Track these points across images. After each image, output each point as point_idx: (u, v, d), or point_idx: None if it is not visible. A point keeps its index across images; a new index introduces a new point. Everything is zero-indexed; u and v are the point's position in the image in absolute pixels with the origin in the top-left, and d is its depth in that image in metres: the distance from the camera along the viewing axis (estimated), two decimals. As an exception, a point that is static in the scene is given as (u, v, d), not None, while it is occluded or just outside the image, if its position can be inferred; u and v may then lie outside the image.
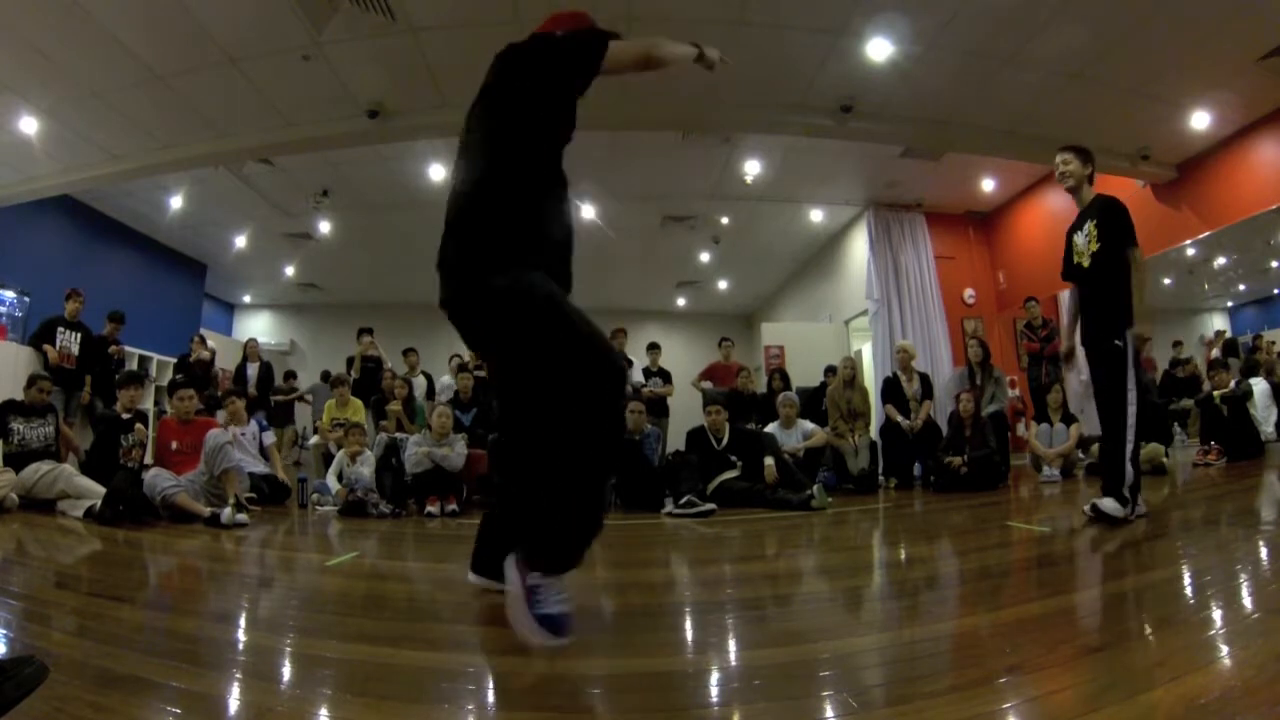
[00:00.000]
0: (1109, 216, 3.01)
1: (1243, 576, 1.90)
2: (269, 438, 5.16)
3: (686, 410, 6.72)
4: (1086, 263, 3.06)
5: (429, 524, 4.02)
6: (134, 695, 1.17)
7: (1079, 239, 3.13)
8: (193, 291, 9.75)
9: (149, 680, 1.24)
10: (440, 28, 4.36)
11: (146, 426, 4.76)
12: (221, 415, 5.06)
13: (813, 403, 6.14)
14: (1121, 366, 2.90)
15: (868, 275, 7.75)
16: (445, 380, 6.65)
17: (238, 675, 1.33)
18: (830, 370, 6.50)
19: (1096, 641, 1.39)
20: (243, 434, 4.85)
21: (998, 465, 5.09)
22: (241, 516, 3.66)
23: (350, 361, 6.91)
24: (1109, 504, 2.79)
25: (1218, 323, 7.70)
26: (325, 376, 6.49)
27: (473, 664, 1.44)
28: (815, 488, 4.17)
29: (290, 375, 8.57)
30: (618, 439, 1.60)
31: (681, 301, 12.24)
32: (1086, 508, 2.94)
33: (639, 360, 6.70)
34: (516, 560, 1.45)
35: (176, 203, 7.44)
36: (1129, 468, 2.83)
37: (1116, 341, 2.91)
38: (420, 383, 6.60)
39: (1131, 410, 2.87)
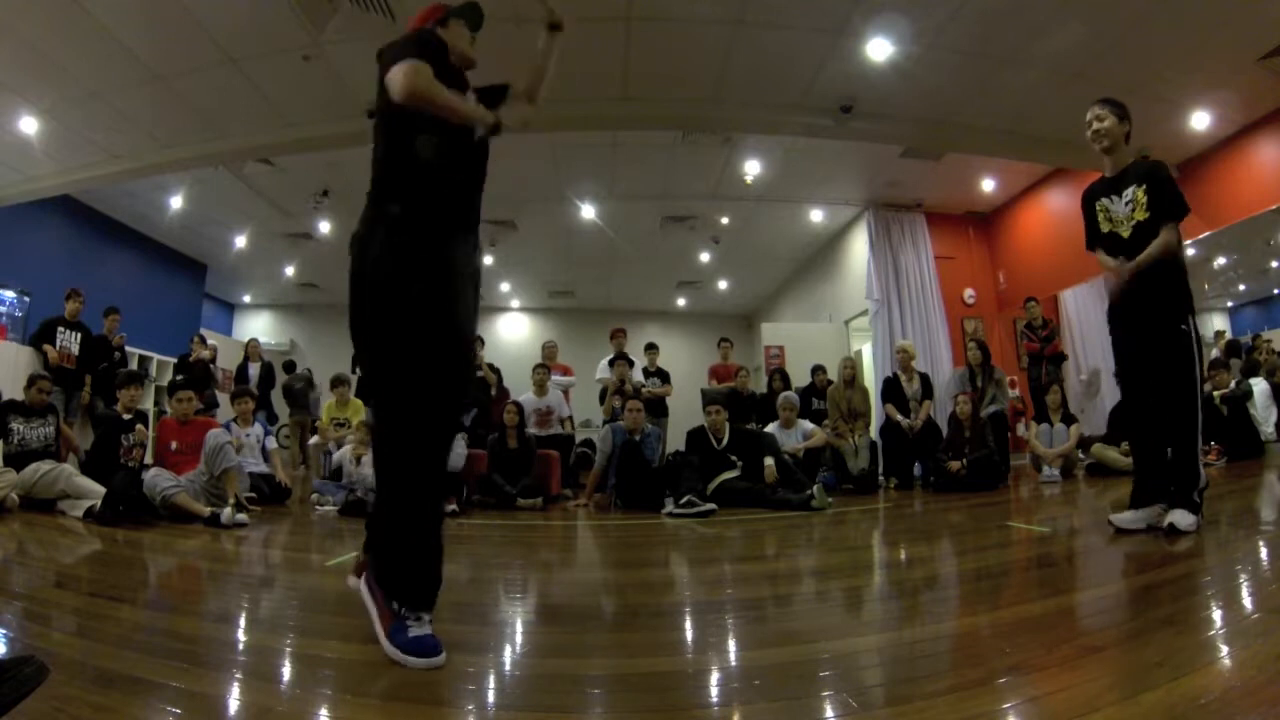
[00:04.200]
0: (1161, 183, 2.65)
1: (1243, 576, 1.90)
2: (271, 442, 5.15)
3: (686, 410, 6.72)
4: (1127, 233, 2.69)
5: (429, 524, 4.01)
6: (134, 695, 1.17)
7: (1117, 206, 2.73)
8: (193, 291, 9.75)
9: (149, 680, 1.24)
10: (440, 28, 4.36)
11: (147, 426, 4.76)
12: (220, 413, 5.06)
13: (800, 400, 6.11)
14: (1189, 355, 2.56)
15: (868, 275, 7.75)
16: None
17: (238, 675, 1.33)
18: (816, 369, 6.49)
19: (1096, 641, 1.39)
20: (247, 435, 4.85)
21: (997, 465, 5.09)
22: (241, 516, 3.66)
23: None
24: (1182, 519, 2.45)
25: (1218, 323, 7.70)
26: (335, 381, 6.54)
27: (472, 664, 1.44)
28: (815, 488, 4.17)
29: (291, 366, 8.55)
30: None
31: (681, 301, 12.24)
32: (1123, 519, 2.65)
33: (637, 360, 6.70)
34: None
35: (176, 203, 7.45)
36: (1202, 470, 2.54)
37: (1182, 326, 2.58)
38: None
39: (1198, 405, 2.57)
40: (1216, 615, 1.51)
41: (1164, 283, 2.63)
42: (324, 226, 8.12)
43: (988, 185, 7.61)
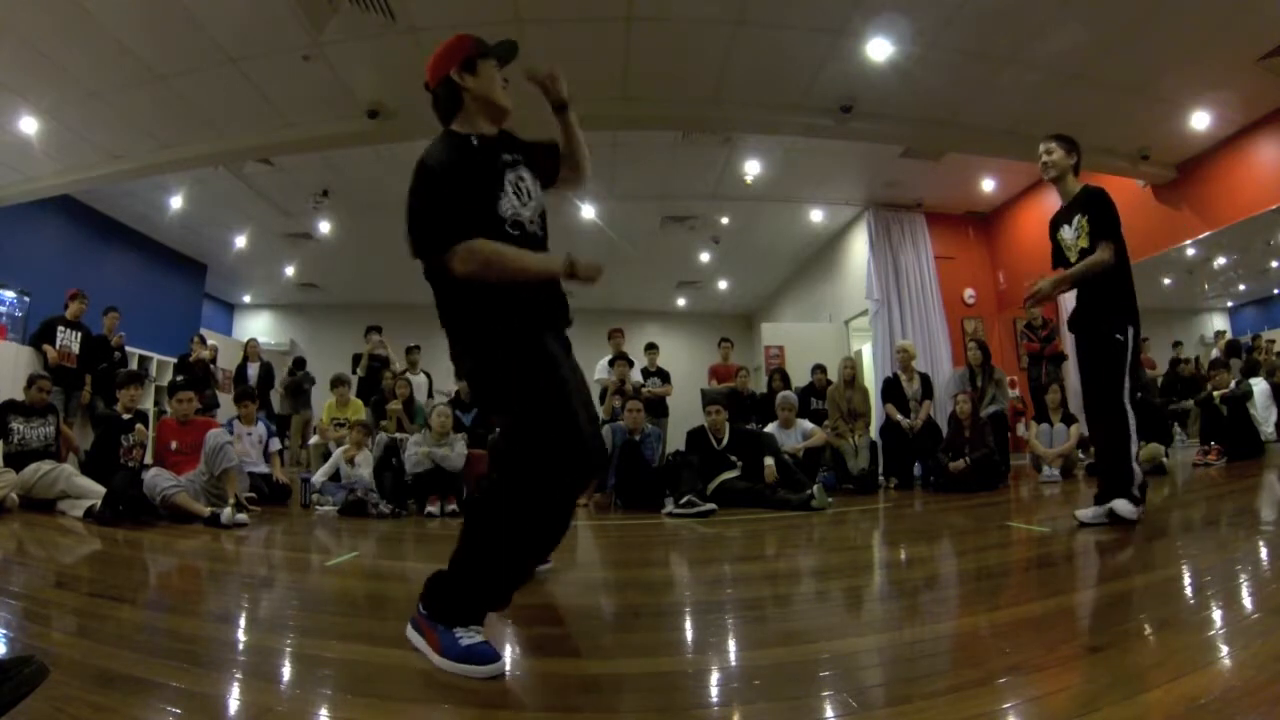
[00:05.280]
0: (1098, 210, 2.87)
1: (1243, 576, 1.90)
2: (275, 444, 5.14)
3: (686, 410, 6.71)
4: (1074, 259, 2.94)
5: (429, 524, 4.03)
6: (134, 695, 1.17)
7: (1067, 234, 2.99)
8: (193, 291, 9.74)
9: (149, 680, 1.24)
10: (440, 28, 4.34)
11: (146, 426, 4.76)
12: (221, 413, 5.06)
13: (799, 400, 6.11)
14: (1120, 362, 2.77)
15: (868, 275, 7.75)
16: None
17: (238, 675, 1.33)
18: (816, 369, 6.49)
19: (1096, 641, 1.39)
20: (249, 434, 4.85)
21: (997, 465, 5.09)
22: (241, 516, 3.66)
23: (357, 359, 6.90)
24: (1124, 507, 2.69)
25: (1218, 323, 7.70)
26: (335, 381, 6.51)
27: (473, 664, 1.44)
28: (815, 488, 4.17)
29: (302, 363, 8.52)
30: (553, 528, 1.49)
31: (681, 301, 12.24)
32: (1086, 514, 2.84)
33: (637, 360, 6.70)
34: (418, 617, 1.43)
35: (176, 203, 7.44)
36: (1135, 467, 2.75)
37: (1118, 336, 2.78)
38: (421, 381, 6.58)
39: (1130, 408, 2.77)
40: (1216, 615, 1.51)
41: (1103, 294, 2.85)
42: (324, 226, 8.11)
43: (988, 185, 7.61)
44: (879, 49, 4.62)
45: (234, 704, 1.18)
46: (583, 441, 1.43)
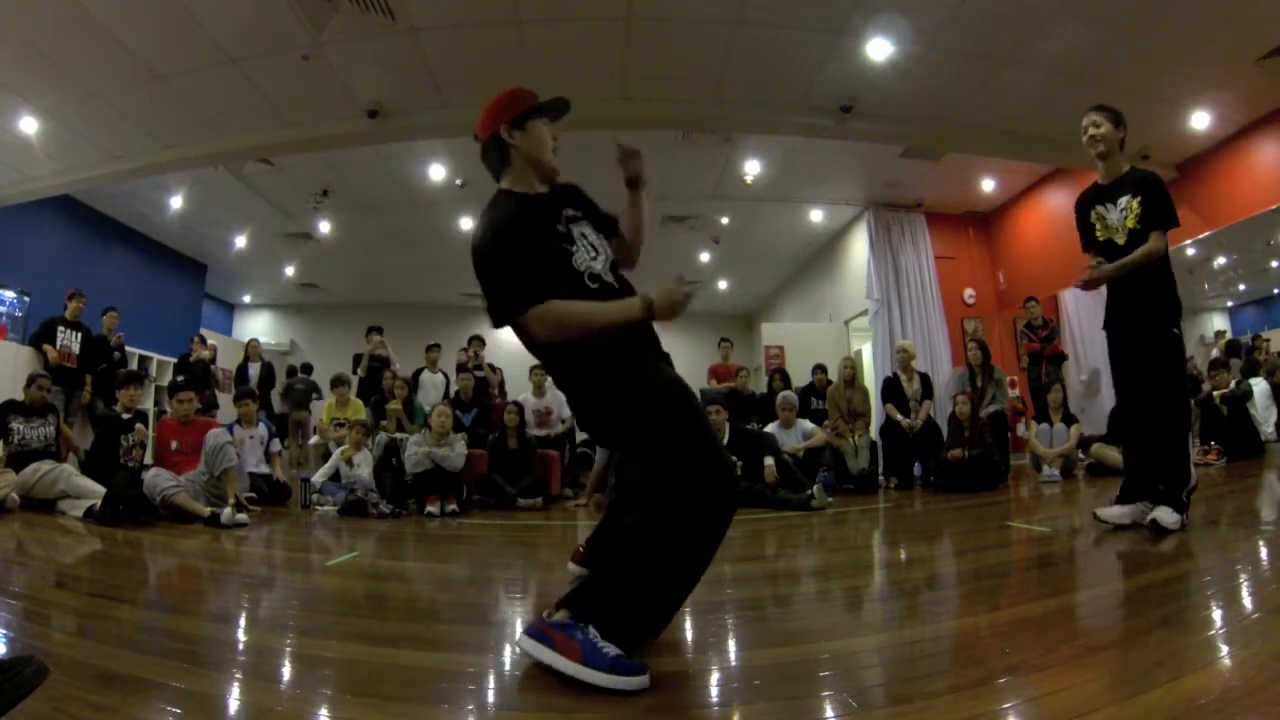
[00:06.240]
0: (1154, 194, 2.68)
1: (1243, 576, 1.90)
2: (275, 445, 5.14)
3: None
4: (1122, 240, 2.72)
5: (429, 524, 4.03)
6: (134, 695, 1.17)
7: (1112, 215, 2.77)
8: (193, 291, 9.75)
9: (149, 680, 1.24)
10: (440, 28, 4.36)
11: (146, 426, 4.76)
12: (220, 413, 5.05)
13: (800, 400, 6.11)
14: (1179, 358, 2.63)
15: (868, 275, 7.75)
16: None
17: (238, 675, 1.33)
18: (816, 369, 6.49)
19: (1096, 641, 1.39)
20: (250, 436, 4.85)
21: (997, 465, 5.09)
22: (241, 516, 3.66)
23: (358, 359, 6.90)
24: (1167, 516, 2.49)
25: (1218, 323, 7.70)
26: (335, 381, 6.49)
27: (473, 664, 1.44)
28: (815, 488, 4.17)
29: (309, 368, 8.50)
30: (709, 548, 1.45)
31: (681, 301, 12.23)
32: (1111, 514, 2.71)
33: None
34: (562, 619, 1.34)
35: (176, 203, 7.44)
36: (1193, 470, 2.59)
37: (1175, 330, 2.63)
38: (439, 380, 6.57)
39: (1187, 407, 2.64)
40: (1216, 615, 1.51)
41: (1153, 288, 2.68)
42: (324, 226, 8.11)
43: (988, 185, 7.61)
44: (879, 49, 4.62)
45: (234, 704, 1.18)
46: (731, 474, 1.41)
